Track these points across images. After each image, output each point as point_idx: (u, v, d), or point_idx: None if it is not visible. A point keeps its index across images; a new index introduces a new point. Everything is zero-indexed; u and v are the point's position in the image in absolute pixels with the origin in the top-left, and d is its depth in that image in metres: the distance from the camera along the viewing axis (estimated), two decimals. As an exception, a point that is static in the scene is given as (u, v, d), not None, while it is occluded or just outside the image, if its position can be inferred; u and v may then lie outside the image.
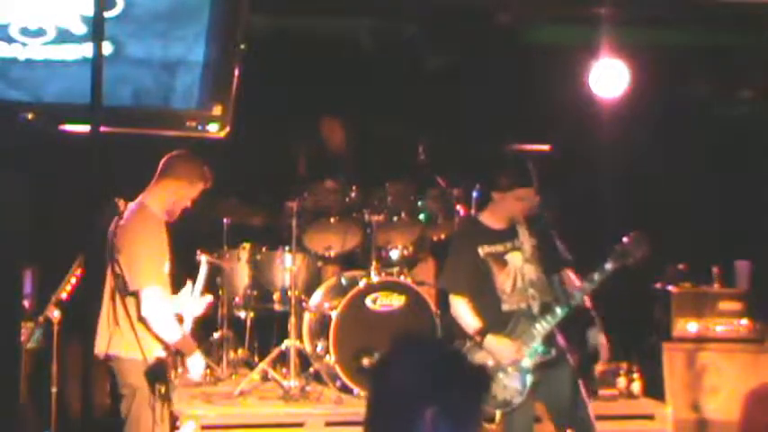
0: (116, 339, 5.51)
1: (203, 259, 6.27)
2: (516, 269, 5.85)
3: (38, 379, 6.03)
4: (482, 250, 5.87)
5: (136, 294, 5.43)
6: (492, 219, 5.95)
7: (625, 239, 5.72)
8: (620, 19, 7.73)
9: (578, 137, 8.05)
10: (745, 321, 7.79)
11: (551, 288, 5.86)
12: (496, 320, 5.82)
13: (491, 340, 5.76)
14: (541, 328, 5.75)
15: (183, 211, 5.96)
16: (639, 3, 7.94)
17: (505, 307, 5.84)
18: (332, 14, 8.43)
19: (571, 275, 5.85)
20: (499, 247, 5.88)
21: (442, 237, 8.10)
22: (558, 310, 5.74)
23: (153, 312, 5.43)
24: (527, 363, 5.76)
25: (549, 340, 5.78)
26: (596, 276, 5.70)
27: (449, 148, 8.21)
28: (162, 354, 5.49)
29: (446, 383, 2.55)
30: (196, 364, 5.66)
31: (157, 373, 5.48)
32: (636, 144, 8.20)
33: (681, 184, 8.47)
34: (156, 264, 5.52)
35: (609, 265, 5.68)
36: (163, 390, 5.49)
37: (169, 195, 5.73)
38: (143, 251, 5.48)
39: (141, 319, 5.45)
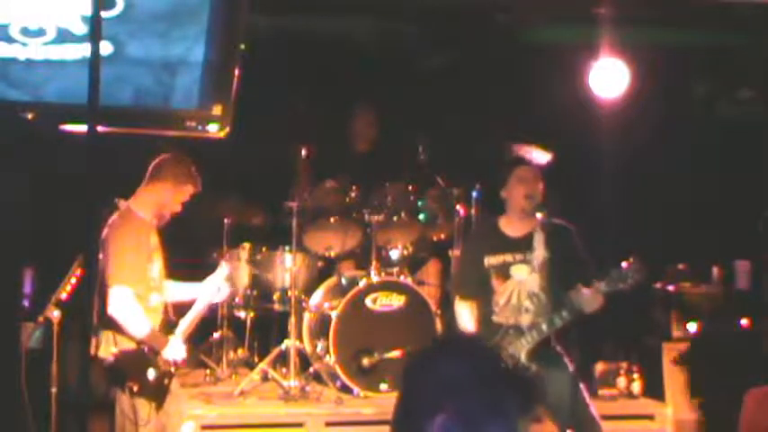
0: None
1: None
2: (516, 284, 5.88)
3: (38, 379, 6.03)
4: (487, 260, 5.92)
5: (106, 292, 5.59)
6: (508, 224, 5.96)
7: (624, 264, 5.69)
8: (620, 19, 7.73)
9: (578, 137, 8.04)
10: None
11: (553, 302, 5.86)
12: (487, 329, 5.89)
13: None
14: (526, 342, 5.78)
15: (175, 213, 6.01)
16: (639, 3, 7.93)
17: (495, 318, 5.92)
18: (332, 14, 8.42)
19: (583, 291, 5.73)
20: (507, 257, 5.91)
21: (442, 237, 8.10)
22: (545, 327, 5.78)
23: (118, 311, 5.59)
24: None
25: (532, 355, 5.78)
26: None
27: (449, 148, 8.21)
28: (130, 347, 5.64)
29: (463, 387, 2.45)
30: (172, 349, 5.76)
31: (125, 371, 5.57)
32: (636, 144, 8.19)
33: (681, 184, 8.47)
34: (129, 265, 5.67)
35: (603, 287, 5.68)
36: (135, 388, 5.57)
37: (156, 198, 5.87)
38: (115, 251, 5.65)
39: (108, 317, 5.60)
